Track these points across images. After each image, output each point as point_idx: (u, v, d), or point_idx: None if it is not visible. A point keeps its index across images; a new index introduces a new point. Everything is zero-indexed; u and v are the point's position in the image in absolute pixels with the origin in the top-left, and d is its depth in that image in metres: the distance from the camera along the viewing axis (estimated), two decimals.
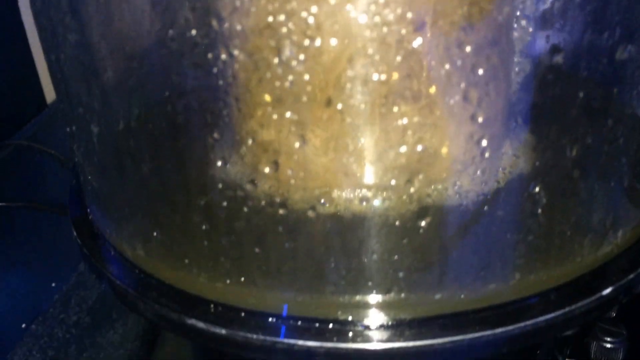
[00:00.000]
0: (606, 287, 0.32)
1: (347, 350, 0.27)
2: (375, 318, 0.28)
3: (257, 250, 0.27)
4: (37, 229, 0.58)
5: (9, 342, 0.47)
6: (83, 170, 0.32)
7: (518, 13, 0.24)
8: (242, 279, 0.28)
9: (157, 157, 0.28)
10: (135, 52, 0.26)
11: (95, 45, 0.27)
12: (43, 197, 0.64)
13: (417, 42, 0.24)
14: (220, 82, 0.25)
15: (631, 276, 0.32)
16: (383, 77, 0.25)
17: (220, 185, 0.27)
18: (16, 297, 0.51)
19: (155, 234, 0.29)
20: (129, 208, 0.30)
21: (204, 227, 0.28)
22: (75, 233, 0.32)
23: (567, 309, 0.30)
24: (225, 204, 0.27)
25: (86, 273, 0.53)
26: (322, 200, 0.26)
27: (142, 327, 0.56)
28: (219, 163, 0.26)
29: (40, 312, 0.49)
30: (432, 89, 0.25)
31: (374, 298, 0.28)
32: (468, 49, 0.25)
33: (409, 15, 0.23)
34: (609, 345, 0.40)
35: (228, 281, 0.28)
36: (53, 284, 0.52)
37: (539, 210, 0.29)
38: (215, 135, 0.26)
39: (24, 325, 0.48)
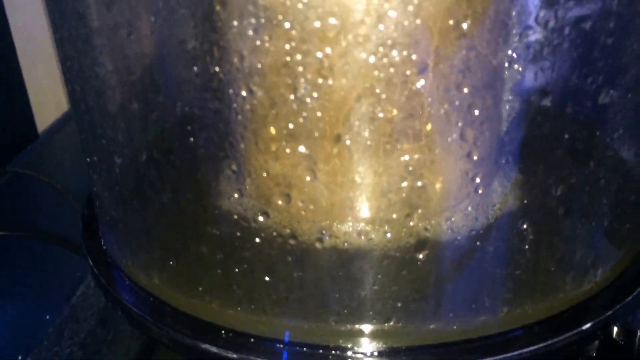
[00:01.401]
0: (586, 323, 0.34)
1: None
2: (373, 345, 0.30)
3: (267, 279, 0.29)
4: (31, 259, 0.58)
5: None
6: (101, 200, 0.33)
7: (511, 58, 0.27)
8: (252, 306, 0.29)
9: (177, 188, 0.29)
10: (161, 87, 0.28)
11: (123, 79, 0.28)
12: (39, 225, 0.64)
13: (420, 82, 0.26)
14: (239, 117, 0.27)
15: (609, 313, 0.34)
16: (388, 115, 0.27)
17: (235, 217, 0.28)
18: (12, 329, 0.51)
19: (171, 262, 0.30)
20: (147, 238, 0.32)
21: (218, 256, 0.29)
22: (91, 263, 0.33)
23: (549, 342, 0.32)
24: (239, 234, 0.28)
25: (77, 305, 0.53)
26: (330, 232, 0.28)
27: None
28: (236, 195, 0.28)
29: (35, 345, 0.49)
30: (432, 128, 0.27)
31: (374, 326, 0.30)
32: (465, 90, 0.27)
33: (414, 57, 0.26)
34: None
35: (239, 308, 0.29)
36: (47, 316, 0.52)
37: (526, 247, 0.32)
38: (233, 167, 0.28)
39: (20, 358, 0.48)
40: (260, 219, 0.28)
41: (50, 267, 0.57)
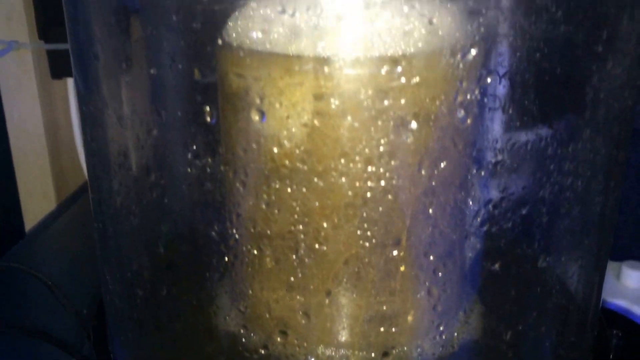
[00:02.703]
0: None
1: None
2: None
3: None
4: (12, 354, 0.61)
5: None
6: (117, 320, 0.39)
7: (466, 234, 0.34)
8: None
9: (191, 321, 0.35)
10: (186, 240, 0.34)
11: (155, 233, 0.35)
12: (24, 320, 0.67)
13: (395, 251, 0.33)
14: (249, 270, 0.33)
15: None
16: (369, 276, 0.34)
17: (239, 348, 0.34)
18: None
19: None
20: (157, 356, 0.37)
21: None
22: None
23: None
24: None
25: None
26: None
27: None
28: (241, 330, 0.34)
29: None
30: (405, 286, 0.34)
31: None
32: (431, 257, 0.34)
33: (390, 232, 0.33)
34: None
35: None
36: None
37: None
38: (241, 308, 0.34)
39: None
40: (261, 351, 0.35)
41: None
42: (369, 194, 0.32)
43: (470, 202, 0.33)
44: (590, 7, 0.31)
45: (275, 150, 0.31)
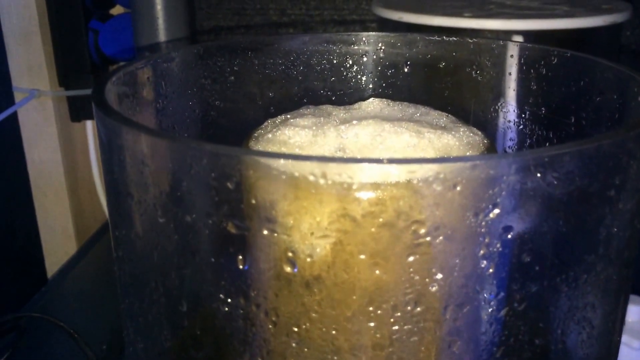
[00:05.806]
0: None
1: None
2: None
3: None
4: None
5: None
6: None
7: None
8: None
9: None
10: None
11: (182, 353, 0.37)
12: None
13: None
14: None
15: None
16: None
17: None
18: None
19: None
20: None
21: None
22: None
23: None
24: None
25: None
26: None
27: None
28: None
29: None
30: None
31: None
32: None
33: None
34: None
35: None
36: None
37: None
38: None
39: None
40: None
41: None
42: (395, 336, 0.33)
43: (493, 337, 0.34)
44: (603, 161, 0.32)
45: (306, 299, 0.33)
